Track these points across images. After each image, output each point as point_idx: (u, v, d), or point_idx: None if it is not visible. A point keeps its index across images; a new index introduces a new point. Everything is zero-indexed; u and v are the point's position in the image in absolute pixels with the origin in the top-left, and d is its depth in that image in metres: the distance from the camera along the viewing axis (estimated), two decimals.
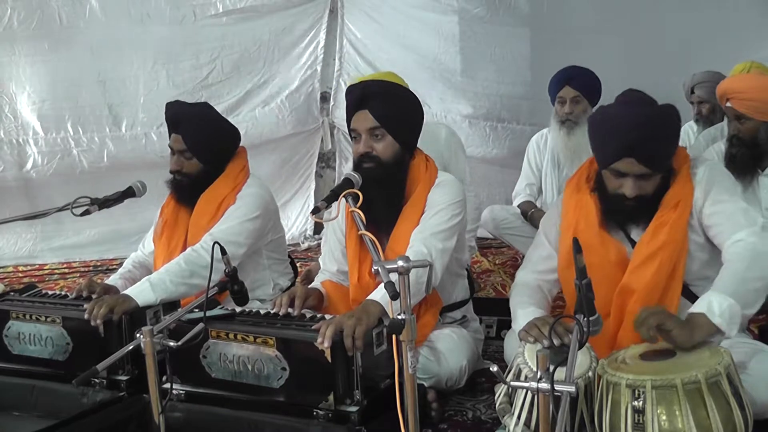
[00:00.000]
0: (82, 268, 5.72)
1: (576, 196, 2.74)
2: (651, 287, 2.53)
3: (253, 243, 3.37)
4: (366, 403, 2.48)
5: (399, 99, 2.99)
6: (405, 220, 2.92)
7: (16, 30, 5.55)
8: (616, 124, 2.54)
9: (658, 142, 2.50)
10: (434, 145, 4.19)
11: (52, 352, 2.97)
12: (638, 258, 2.57)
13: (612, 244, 2.63)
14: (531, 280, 2.82)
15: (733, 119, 3.61)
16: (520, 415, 2.29)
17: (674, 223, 2.54)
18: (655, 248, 2.53)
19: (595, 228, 2.64)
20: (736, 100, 3.54)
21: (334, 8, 5.96)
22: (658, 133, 2.50)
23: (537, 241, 2.93)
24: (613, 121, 2.58)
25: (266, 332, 2.59)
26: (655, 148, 2.50)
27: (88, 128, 5.75)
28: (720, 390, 2.07)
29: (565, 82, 4.47)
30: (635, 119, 2.52)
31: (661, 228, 2.55)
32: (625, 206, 2.57)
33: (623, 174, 2.53)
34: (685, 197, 2.56)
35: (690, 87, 4.88)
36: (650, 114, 2.56)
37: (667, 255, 2.53)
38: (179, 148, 3.33)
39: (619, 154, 2.51)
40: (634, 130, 2.48)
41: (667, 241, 2.53)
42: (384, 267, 2.02)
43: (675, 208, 2.55)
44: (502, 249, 5.31)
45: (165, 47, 5.78)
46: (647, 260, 2.54)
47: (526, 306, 2.65)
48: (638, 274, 2.55)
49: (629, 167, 2.51)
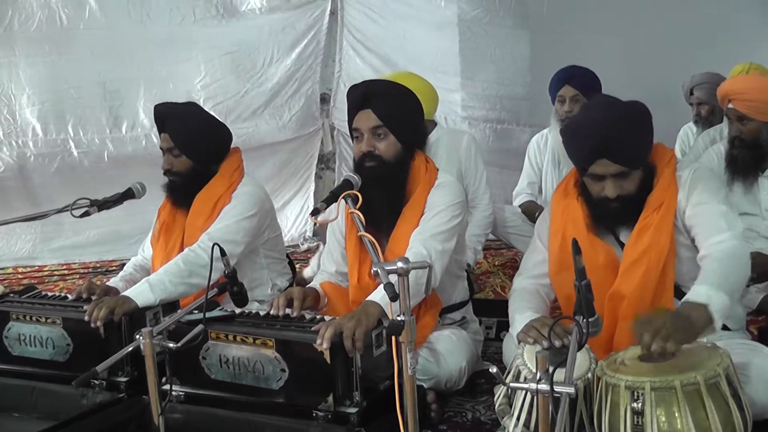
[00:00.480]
0: (81, 269, 5.73)
1: (564, 201, 2.75)
2: (640, 291, 2.53)
3: (251, 241, 3.37)
4: (365, 405, 2.48)
5: (401, 99, 2.99)
6: (405, 221, 2.92)
7: (17, 31, 5.55)
8: (583, 129, 2.58)
9: (626, 139, 2.51)
10: (454, 152, 4.22)
11: (53, 354, 2.97)
12: (626, 262, 2.57)
13: (601, 247, 2.63)
14: (528, 285, 2.82)
15: (734, 120, 3.60)
16: (519, 416, 2.29)
17: (658, 225, 2.54)
18: (640, 252, 2.54)
19: (584, 232, 2.64)
20: (738, 101, 3.54)
21: (334, 9, 5.96)
22: (625, 129, 2.51)
23: (532, 246, 2.94)
24: (580, 127, 2.63)
25: (266, 334, 2.58)
26: (626, 145, 2.51)
27: (88, 129, 5.75)
28: (719, 391, 2.07)
29: (565, 81, 4.49)
30: (600, 121, 2.54)
31: (645, 231, 2.55)
32: (611, 209, 2.58)
33: (601, 177, 2.55)
34: (668, 199, 2.57)
35: (689, 88, 4.89)
36: (615, 113, 2.57)
37: (654, 258, 2.53)
38: (167, 146, 3.35)
39: (591, 157, 2.53)
40: (600, 131, 2.50)
41: (652, 244, 2.53)
42: (383, 268, 2.02)
43: (658, 210, 2.56)
44: (502, 250, 5.30)
45: (165, 48, 5.78)
46: (634, 264, 2.55)
47: (524, 311, 2.65)
48: (627, 278, 2.55)
49: (604, 168, 2.53)
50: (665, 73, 5.04)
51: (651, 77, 4.73)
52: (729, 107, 3.60)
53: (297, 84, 6.02)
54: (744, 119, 3.54)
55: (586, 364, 2.29)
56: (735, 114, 3.58)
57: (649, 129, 2.62)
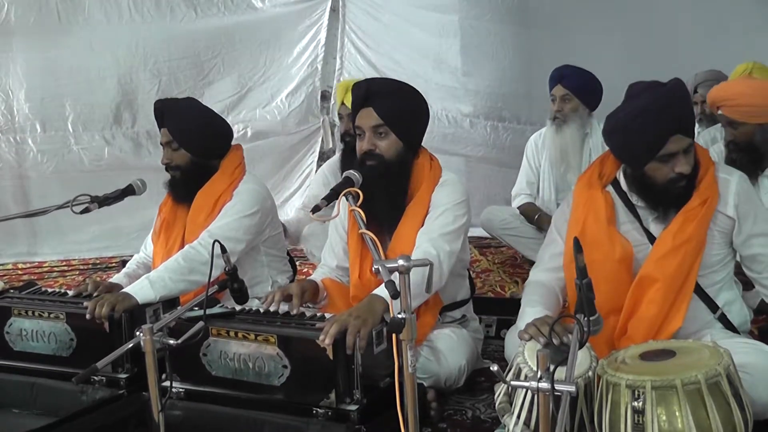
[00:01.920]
0: (81, 265, 5.72)
1: (587, 192, 2.76)
2: (674, 277, 2.58)
3: (252, 239, 3.37)
4: (366, 402, 2.48)
5: (404, 97, 2.98)
6: (408, 219, 2.92)
7: (14, 26, 5.54)
8: (649, 114, 2.54)
9: (688, 110, 2.63)
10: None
11: (56, 349, 2.97)
12: (663, 248, 2.60)
13: (619, 241, 2.65)
14: (544, 279, 2.82)
15: (726, 125, 3.62)
16: (519, 414, 2.29)
17: (701, 218, 2.59)
18: (683, 240, 2.58)
19: (604, 225, 2.66)
20: (726, 108, 3.56)
21: (335, 6, 5.95)
22: (688, 101, 2.66)
23: (549, 238, 2.93)
24: (642, 114, 2.56)
25: (267, 330, 2.58)
26: (689, 117, 2.62)
27: (87, 126, 5.75)
28: (720, 390, 2.07)
29: (557, 80, 4.53)
30: (666, 99, 2.57)
31: (690, 221, 2.59)
32: (678, 189, 2.60)
33: (673, 155, 2.55)
34: (712, 196, 2.61)
35: (693, 86, 4.86)
36: (670, 90, 2.62)
37: (692, 248, 2.59)
38: (166, 140, 3.36)
39: (664, 137, 2.53)
40: (672, 108, 2.54)
41: (693, 235, 2.58)
42: (384, 266, 2.01)
43: (703, 204, 2.60)
44: (501, 248, 5.30)
45: (165, 44, 5.77)
46: (673, 251, 2.58)
47: (535, 305, 2.66)
48: (663, 264, 2.58)
49: (678, 144, 2.54)
50: (666, 73, 5.00)
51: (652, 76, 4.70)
52: (719, 113, 3.63)
53: (298, 81, 6.02)
54: (735, 124, 3.55)
55: (587, 363, 2.29)
56: (725, 120, 3.60)
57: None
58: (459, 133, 5.85)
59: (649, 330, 2.54)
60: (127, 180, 3.44)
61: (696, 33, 5.12)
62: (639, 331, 2.54)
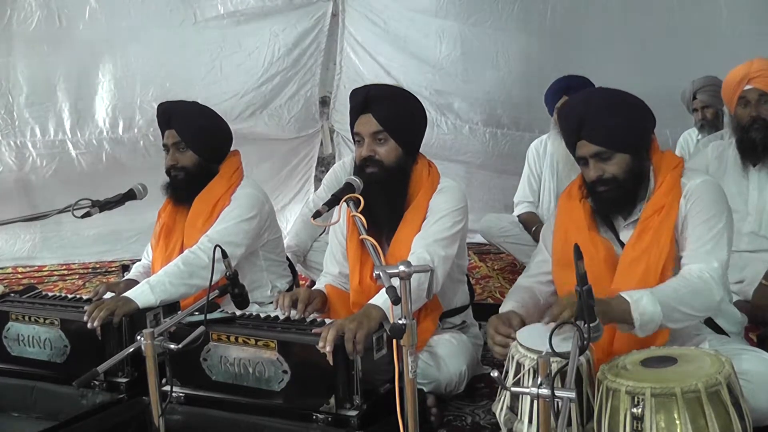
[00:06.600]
0: (81, 269, 5.73)
1: (568, 204, 2.80)
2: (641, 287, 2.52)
3: (250, 243, 3.37)
4: (366, 408, 2.48)
5: (402, 103, 3.00)
6: (407, 225, 2.92)
7: (15, 30, 5.55)
8: (565, 112, 2.76)
9: (602, 119, 2.59)
10: None
11: (51, 354, 2.97)
12: (626, 260, 2.61)
13: (601, 242, 2.67)
14: (525, 282, 2.87)
15: (753, 103, 3.57)
16: (530, 417, 2.27)
17: (659, 228, 2.57)
18: (641, 251, 2.57)
19: (585, 231, 2.69)
20: (758, 79, 3.55)
21: (335, 12, 5.95)
22: (603, 110, 2.60)
23: (537, 249, 2.98)
24: (562, 116, 2.83)
25: (267, 335, 2.59)
26: (601, 125, 2.58)
27: (86, 130, 5.75)
28: (720, 399, 2.07)
29: (563, 92, 4.49)
30: (576, 103, 2.70)
31: (646, 232, 2.59)
32: (599, 195, 2.63)
33: (585, 160, 2.63)
34: (670, 203, 2.59)
35: (692, 93, 4.86)
36: (593, 95, 2.72)
37: (654, 258, 2.56)
38: (173, 141, 3.34)
39: (572, 141, 2.64)
40: (575, 111, 2.63)
41: (652, 244, 2.56)
42: (385, 272, 2.02)
43: (659, 213, 2.59)
44: (501, 255, 5.31)
45: (165, 49, 5.78)
46: (634, 262, 2.58)
47: (506, 303, 2.73)
48: (627, 276, 2.58)
49: (585, 150, 2.61)
50: (665, 79, 5.04)
51: (652, 83, 4.73)
52: (747, 89, 3.58)
53: (296, 86, 6.01)
54: (764, 97, 3.54)
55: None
56: (756, 94, 3.56)
57: (638, 117, 2.66)
58: (458, 140, 5.85)
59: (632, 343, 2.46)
60: (126, 183, 3.44)
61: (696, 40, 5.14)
62: (623, 345, 2.49)
